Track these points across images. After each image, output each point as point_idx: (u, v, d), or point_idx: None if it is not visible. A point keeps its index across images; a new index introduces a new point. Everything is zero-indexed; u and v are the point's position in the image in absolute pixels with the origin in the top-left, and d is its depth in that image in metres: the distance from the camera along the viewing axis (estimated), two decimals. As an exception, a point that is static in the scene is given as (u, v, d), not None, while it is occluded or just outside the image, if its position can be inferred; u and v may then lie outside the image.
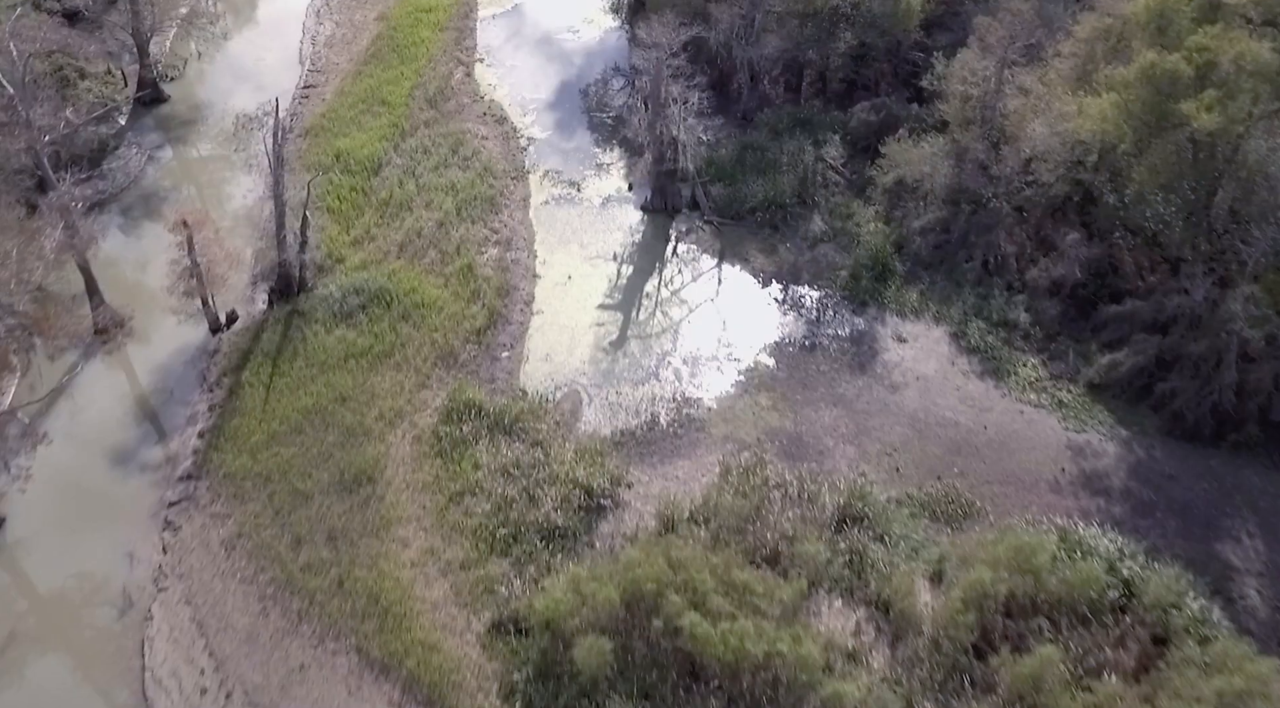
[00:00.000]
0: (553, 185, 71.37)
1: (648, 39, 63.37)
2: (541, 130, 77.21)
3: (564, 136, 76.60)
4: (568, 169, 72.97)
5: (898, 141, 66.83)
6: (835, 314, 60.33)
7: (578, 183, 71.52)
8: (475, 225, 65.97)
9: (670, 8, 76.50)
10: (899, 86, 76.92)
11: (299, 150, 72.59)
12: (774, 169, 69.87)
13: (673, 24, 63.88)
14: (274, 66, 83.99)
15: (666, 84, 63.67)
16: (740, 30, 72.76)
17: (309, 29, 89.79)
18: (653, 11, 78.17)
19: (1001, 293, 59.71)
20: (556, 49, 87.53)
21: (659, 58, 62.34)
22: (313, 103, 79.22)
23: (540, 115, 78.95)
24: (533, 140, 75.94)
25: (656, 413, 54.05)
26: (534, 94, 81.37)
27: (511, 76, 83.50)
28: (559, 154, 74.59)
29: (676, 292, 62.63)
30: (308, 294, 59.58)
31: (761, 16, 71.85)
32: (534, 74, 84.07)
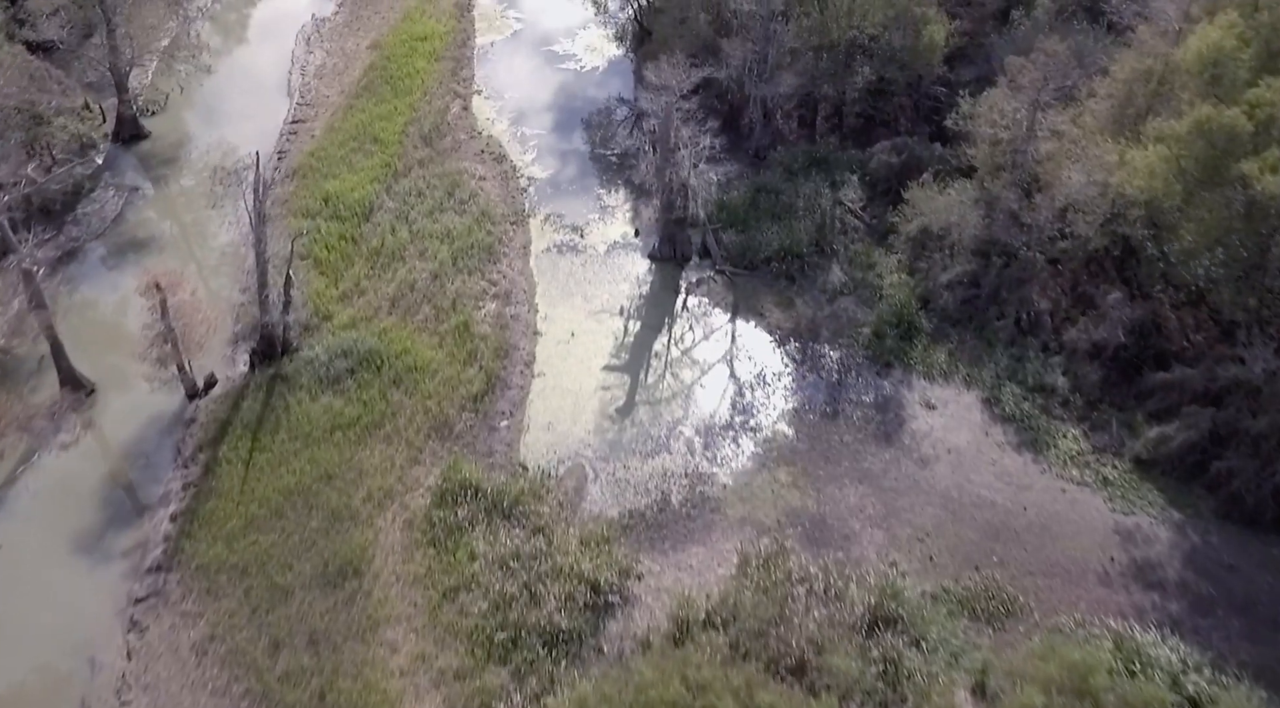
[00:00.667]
0: (555, 231, 67.29)
1: (656, 80, 59.22)
2: (543, 169, 73.13)
3: (567, 176, 72.55)
4: (570, 212, 68.89)
5: (921, 187, 62.77)
6: (858, 376, 56.22)
7: (581, 228, 67.43)
8: (472, 277, 61.87)
9: (679, 42, 73.06)
10: (919, 122, 73.04)
11: (285, 193, 68.52)
12: (789, 214, 65.82)
13: (682, 64, 59.74)
14: (261, 99, 79.92)
15: (676, 128, 59.58)
16: (753, 66, 68.66)
17: (298, 58, 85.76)
18: (660, 44, 74.62)
19: (1037, 354, 55.61)
20: (558, 79, 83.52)
21: (668, 101, 58.24)
22: (301, 139, 75.14)
23: (541, 152, 74.89)
24: (533, 180, 71.87)
25: (667, 491, 49.92)
26: (535, 128, 77.34)
27: (511, 109, 79.45)
28: (561, 195, 70.53)
29: (687, 351, 58.51)
30: (292, 357, 55.48)
31: (775, 52, 67.71)
32: (535, 106, 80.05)
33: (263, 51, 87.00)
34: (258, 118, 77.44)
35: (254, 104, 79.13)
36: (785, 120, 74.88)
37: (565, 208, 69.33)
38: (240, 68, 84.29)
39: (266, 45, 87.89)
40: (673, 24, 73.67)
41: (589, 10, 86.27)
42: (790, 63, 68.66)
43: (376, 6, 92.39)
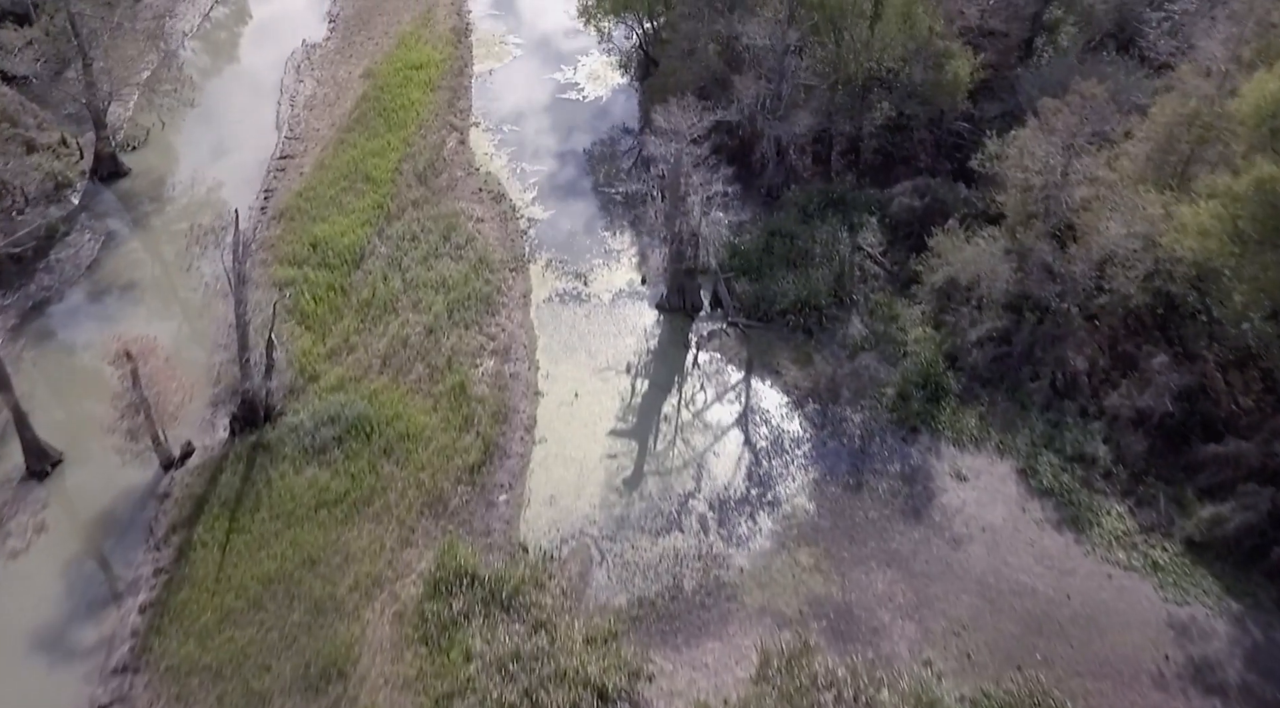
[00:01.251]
0: (556, 278, 63.45)
1: (665, 125, 55.38)
2: (544, 209, 69.33)
3: (569, 216, 68.74)
4: (573, 257, 65.07)
5: (946, 233, 58.97)
6: (882, 443, 52.38)
7: (585, 275, 63.59)
8: (469, 330, 58.06)
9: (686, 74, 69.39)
10: (940, 158, 69.39)
11: (272, 237, 64.70)
12: (805, 260, 62.01)
13: (692, 107, 55.91)
14: (248, 133, 76.12)
15: (686, 174, 55.77)
16: (766, 102, 64.88)
17: (287, 88, 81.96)
18: (666, 76, 70.90)
19: (1075, 420, 51.79)
20: (560, 109, 79.76)
21: (678, 148, 54.43)
22: (289, 177, 71.31)
23: (543, 189, 71.10)
24: (534, 221, 68.08)
25: (679, 575, 46.04)
26: (536, 164, 73.55)
27: (511, 142, 75.69)
28: (564, 238, 66.73)
29: (699, 413, 54.66)
30: (275, 423, 51.64)
31: (789, 89, 63.94)
32: (536, 139, 76.29)
33: (251, 81, 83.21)
34: (244, 153, 73.68)
35: (240, 138, 75.33)
36: (799, 156, 71.06)
37: (568, 252, 65.53)
38: (226, 99, 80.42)
39: (255, 74, 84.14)
40: (680, 56, 69.92)
41: (591, 35, 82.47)
42: (805, 99, 64.80)
43: (370, 31, 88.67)
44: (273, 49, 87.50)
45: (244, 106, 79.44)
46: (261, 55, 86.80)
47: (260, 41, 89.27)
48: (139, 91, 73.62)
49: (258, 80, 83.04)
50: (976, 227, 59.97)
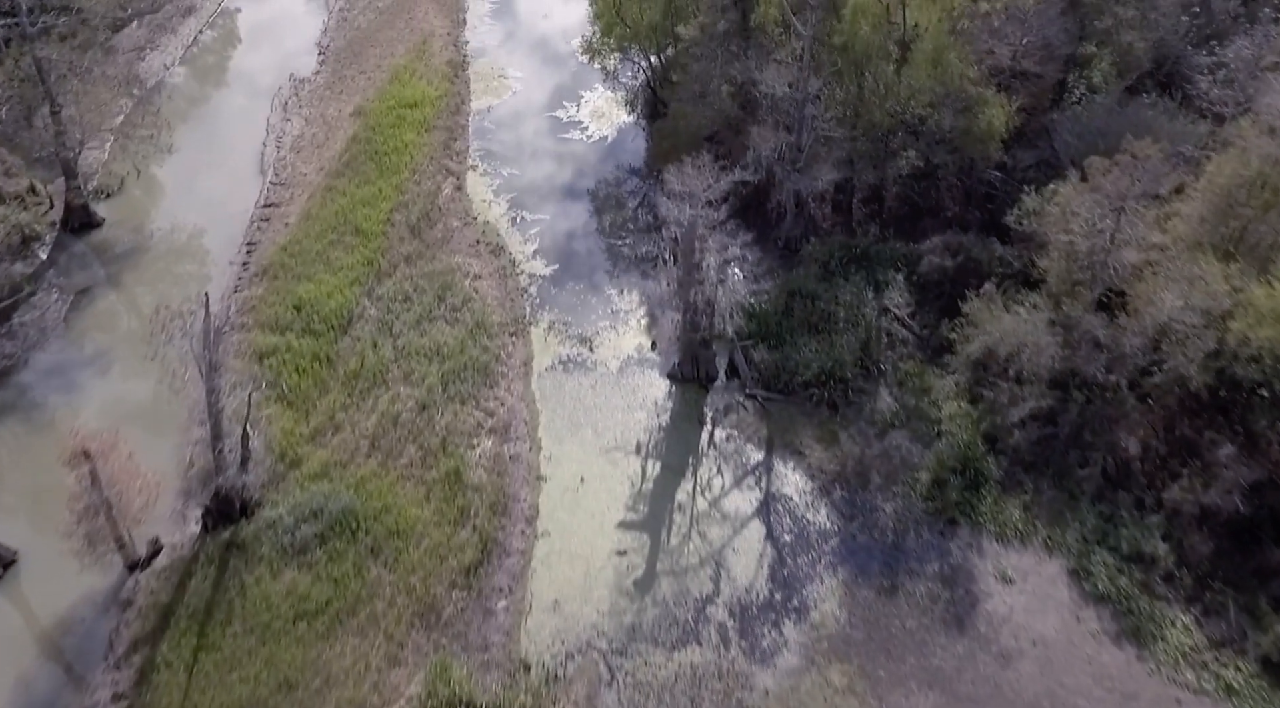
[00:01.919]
0: (560, 342, 58.88)
1: (679, 187, 50.80)
2: (546, 263, 64.75)
3: (573, 272, 64.15)
4: (578, 318, 60.50)
5: (982, 299, 54.41)
6: (918, 537, 47.77)
7: (590, 339, 59.00)
8: (465, 406, 53.47)
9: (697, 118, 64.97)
10: (970, 207, 64.85)
11: (253, 298, 60.13)
12: (828, 324, 57.43)
13: (708, 167, 51.36)
14: (230, 178, 71.53)
15: (702, 238, 51.22)
16: (785, 153, 60.36)
17: (274, 127, 77.40)
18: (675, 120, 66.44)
19: (1130, 513, 47.19)
20: (563, 151, 75.23)
21: (693, 216, 49.85)
22: (273, 228, 66.74)
23: (544, 241, 66.55)
24: (535, 278, 63.50)
25: (698, 699, 41.31)
26: (537, 211, 68.99)
27: (510, 188, 71.15)
28: (568, 297, 62.16)
29: (716, 501, 50.04)
30: (251, 517, 47.01)
31: (810, 139, 59.36)
32: (537, 184, 71.75)
33: (235, 119, 78.62)
34: (226, 201, 69.11)
35: (222, 184, 70.72)
36: (818, 205, 66.50)
37: (572, 313, 60.96)
38: (209, 139, 75.79)
39: (240, 112, 79.58)
40: (690, 99, 65.40)
41: (595, 69, 77.92)
42: (826, 148, 60.18)
43: (361, 65, 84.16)
44: (259, 83, 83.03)
45: (227, 148, 74.87)
46: (247, 90, 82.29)
47: (246, 75, 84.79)
48: (113, 137, 68.92)
49: (242, 119, 78.48)
50: (1014, 289, 55.59)
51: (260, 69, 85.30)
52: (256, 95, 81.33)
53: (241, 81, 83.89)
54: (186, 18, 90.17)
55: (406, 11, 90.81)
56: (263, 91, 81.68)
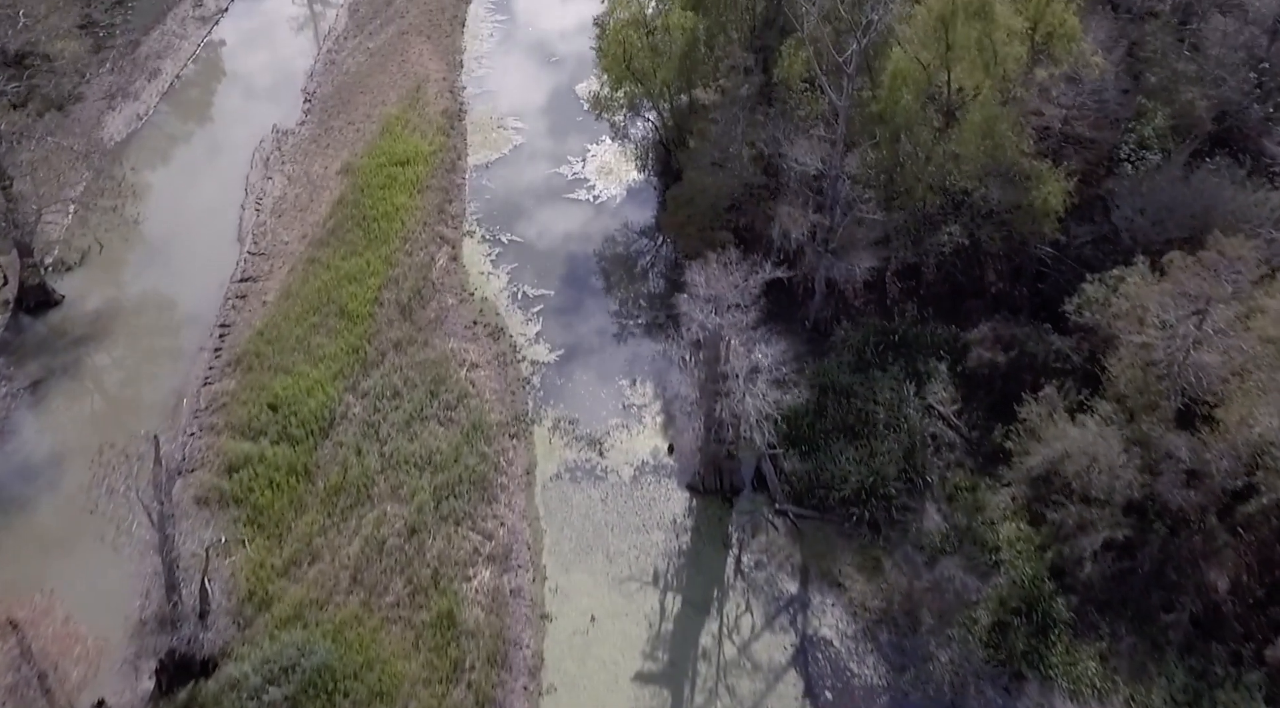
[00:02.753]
0: (566, 444, 52.78)
1: (703, 288, 44.72)
2: (550, 347, 58.64)
3: (581, 357, 58.06)
4: (586, 415, 54.42)
5: (1040, 402, 48.40)
6: (979, 694, 41.64)
7: (600, 441, 52.89)
8: (460, 527, 47.34)
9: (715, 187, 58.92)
10: (1019, 285, 58.74)
11: (224, 393, 54.08)
12: (866, 427, 51.32)
13: (738, 267, 45.29)
14: (204, 248, 65.38)
15: (728, 343, 45.14)
16: (817, 234, 54.31)
17: (253, 186, 71.29)
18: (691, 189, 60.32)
19: (1226, 669, 41.04)
20: (568, 213, 69.08)
21: (718, 327, 43.75)
22: (249, 307, 60.64)
23: (548, 320, 60.44)
24: (538, 365, 57.42)
25: None
26: (540, 285, 62.86)
27: (511, 257, 65.05)
28: (574, 387, 56.08)
29: (745, 647, 43.85)
30: (213, 673, 40.84)
31: (843, 219, 53.25)
32: (539, 253, 65.64)
33: (212, 177, 72.38)
34: (199, 273, 63.03)
35: (195, 255, 64.56)
36: (848, 280, 60.36)
37: (579, 407, 54.88)
38: (181, 202, 69.40)
39: (217, 168, 73.37)
40: (709, 166, 59.25)
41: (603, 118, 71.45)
42: (862, 228, 54.00)
43: (350, 114, 78.05)
44: (239, 134, 76.89)
45: (202, 211, 68.65)
46: (226, 143, 76.11)
47: (226, 125, 78.64)
48: (74, 207, 62.81)
49: (220, 177, 72.33)
50: (1075, 388, 49.59)
51: (241, 117, 79.20)
52: (236, 149, 75.19)
53: (220, 133, 77.74)
54: (163, 59, 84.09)
55: (399, 53, 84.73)
56: (243, 145, 75.53)
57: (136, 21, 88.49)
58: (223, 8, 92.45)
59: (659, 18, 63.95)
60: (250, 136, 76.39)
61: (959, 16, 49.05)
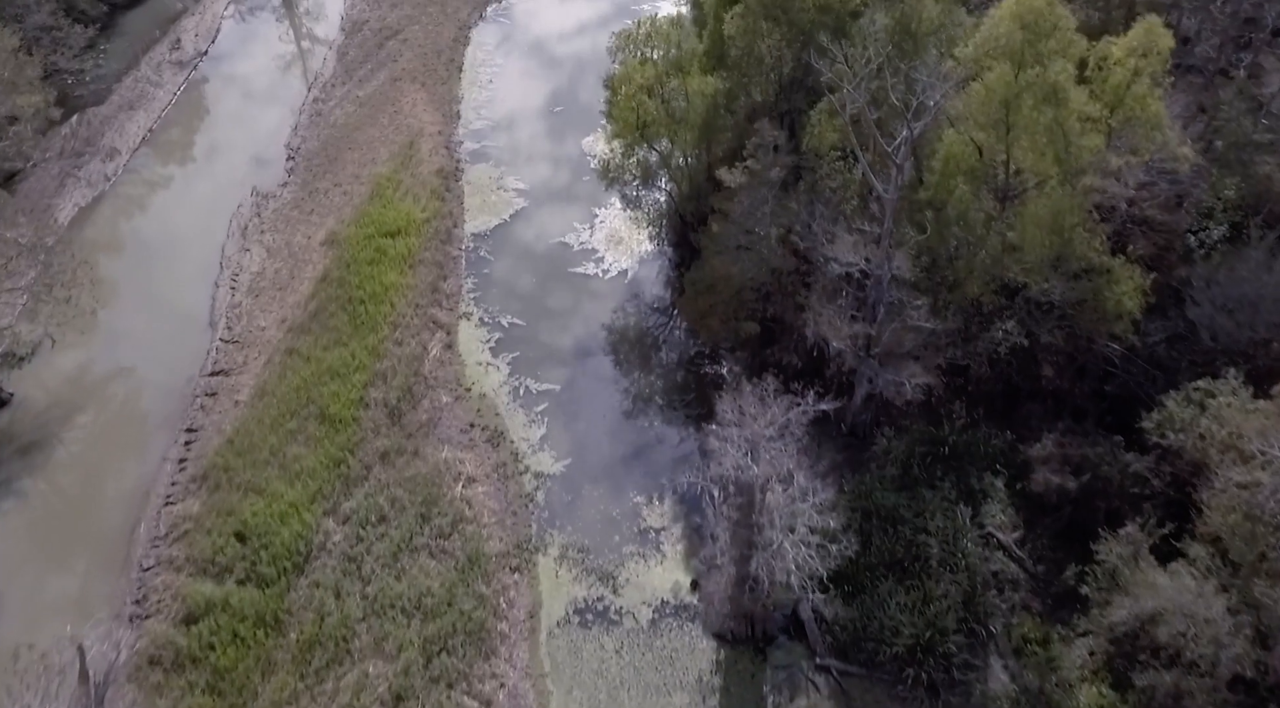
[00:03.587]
0: (575, 578, 46.43)
1: (736, 428, 38.37)
2: (555, 456, 52.35)
3: (590, 468, 51.74)
4: (597, 541, 48.09)
5: (1120, 540, 42.11)
6: None
7: (613, 574, 46.55)
8: (453, 692, 41.05)
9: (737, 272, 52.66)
10: (1081, 384, 52.28)
11: (187, 519, 47.87)
12: (918, 561, 44.97)
13: (773, 396, 38.99)
14: (172, 334, 59.13)
15: (763, 486, 38.81)
16: (858, 340, 47.98)
17: (229, 260, 64.94)
18: (712, 274, 54.01)
19: None
20: (574, 289, 62.72)
21: (752, 480, 37.41)
22: (220, 408, 54.34)
23: (554, 422, 54.12)
24: (543, 478, 51.10)
25: None
26: (544, 377, 56.56)
27: (511, 343, 58.77)
28: (584, 507, 49.76)
29: None
30: None
31: (894, 331, 46.85)
32: (544, 337, 59.32)
33: (183, 248, 66.05)
34: (163, 368, 56.86)
35: (161, 344, 58.30)
36: (889, 375, 54.09)
37: (590, 531, 48.57)
38: (149, 278, 63.19)
39: (190, 238, 66.97)
40: (732, 251, 52.84)
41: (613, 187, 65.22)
42: (911, 333, 47.61)
43: (336, 174, 71.75)
44: (217, 198, 70.52)
45: (173, 289, 62.41)
46: (201, 209, 69.69)
47: (202, 188, 72.20)
48: (24, 299, 56.52)
49: (193, 249, 66.01)
50: (1158, 518, 43.24)
51: (219, 178, 72.85)
52: (212, 215, 68.86)
53: (195, 197, 71.25)
54: (135, 111, 77.88)
55: (391, 103, 78.45)
56: (219, 210, 69.19)
57: (109, 66, 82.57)
58: (202, 51, 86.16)
59: (672, 76, 57.67)
60: (228, 201, 70.08)
61: (1025, 100, 42.74)
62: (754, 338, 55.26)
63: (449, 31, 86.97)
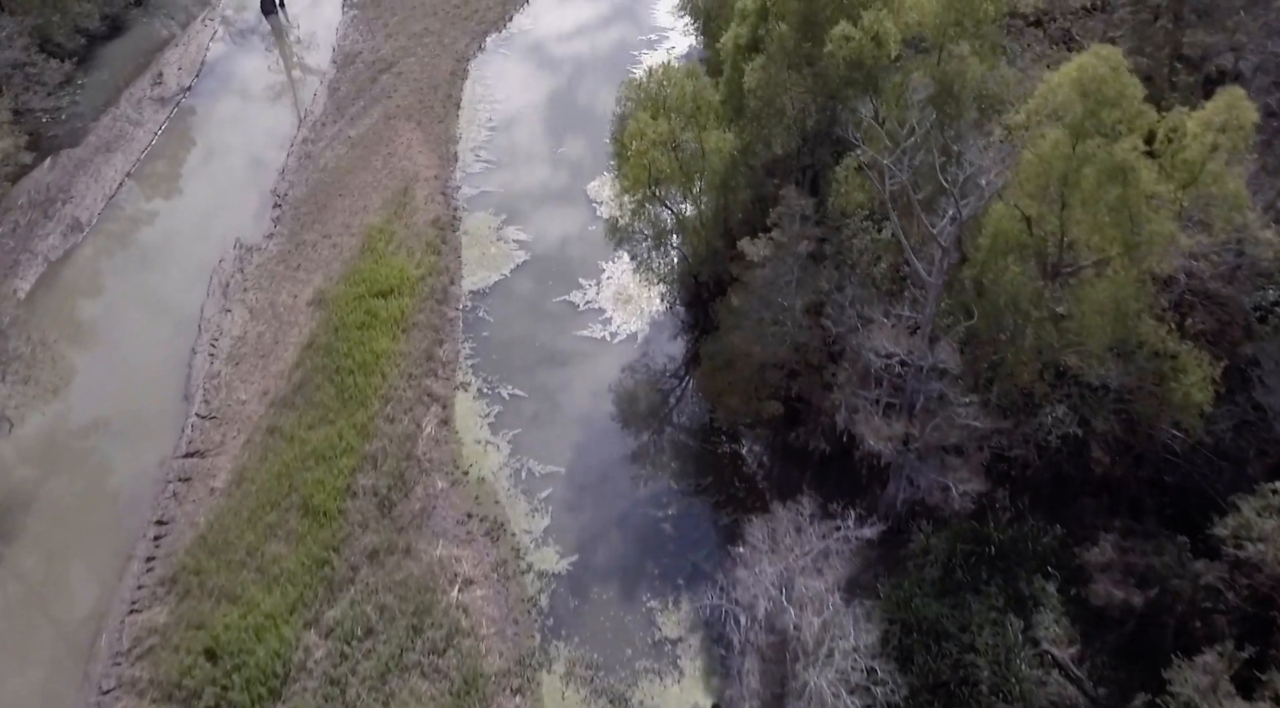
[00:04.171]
0: (583, 701, 41.88)
1: (765, 551, 33.88)
2: (561, 551, 47.80)
3: (599, 566, 47.18)
4: (608, 655, 43.51)
5: (1196, 668, 37.46)
6: None
7: (625, 697, 41.93)
8: None
9: (763, 354, 48.14)
10: (1139, 471, 47.71)
11: (151, 629, 43.39)
12: (965, 686, 40.28)
13: (807, 521, 34.48)
14: (142, 410, 54.55)
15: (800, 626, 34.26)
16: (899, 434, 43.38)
17: (209, 322, 60.37)
18: (735, 354, 49.48)
19: None
20: (580, 355, 58.09)
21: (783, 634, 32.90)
22: (194, 496, 49.76)
23: (558, 511, 49.56)
24: (547, 578, 46.53)
25: None
26: (548, 458, 52.03)
27: (512, 418, 54.26)
28: (592, 613, 45.18)
29: None
30: None
31: (938, 430, 42.24)
32: (548, 411, 54.78)
33: (160, 309, 61.52)
34: (133, 449, 52.42)
35: (131, 421, 53.79)
36: (924, 459, 49.51)
37: (599, 642, 43.99)
38: (120, 346, 58.61)
39: (167, 297, 62.48)
40: (754, 327, 48.24)
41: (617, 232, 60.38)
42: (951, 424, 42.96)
43: (325, 225, 67.14)
44: (197, 251, 65.92)
45: (146, 358, 57.83)
46: (180, 263, 65.11)
47: (182, 239, 67.42)
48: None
49: (171, 309, 61.50)
50: (1235, 638, 38.65)
51: (200, 228, 68.11)
52: (192, 270, 64.32)
53: (174, 249, 66.62)
54: (112, 153, 73.36)
55: (385, 143, 73.87)
56: (199, 265, 64.66)
57: (87, 103, 78.16)
58: (185, 86, 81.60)
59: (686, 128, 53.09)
60: (209, 254, 65.53)
61: (1086, 174, 38.22)
62: (777, 417, 50.75)
63: (446, 64, 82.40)
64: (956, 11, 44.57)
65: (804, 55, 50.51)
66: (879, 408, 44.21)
